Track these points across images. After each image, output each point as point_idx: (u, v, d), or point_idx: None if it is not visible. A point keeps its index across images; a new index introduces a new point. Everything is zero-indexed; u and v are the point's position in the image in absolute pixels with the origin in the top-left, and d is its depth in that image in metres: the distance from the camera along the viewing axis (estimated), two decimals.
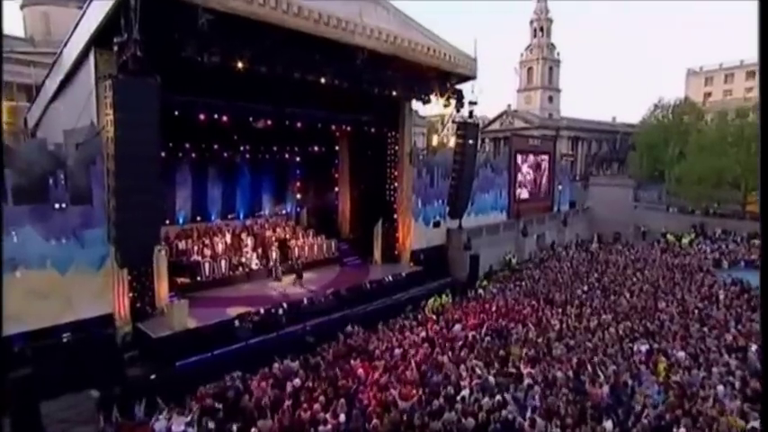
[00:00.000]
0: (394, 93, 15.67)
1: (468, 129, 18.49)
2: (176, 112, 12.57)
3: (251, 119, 15.07)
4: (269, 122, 15.62)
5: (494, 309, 14.08)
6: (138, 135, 9.15)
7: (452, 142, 19.29)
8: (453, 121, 18.11)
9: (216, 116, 13.65)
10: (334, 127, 18.54)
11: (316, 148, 22.14)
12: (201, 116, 13.28)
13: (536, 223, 27.57)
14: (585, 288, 17.05)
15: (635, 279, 17.93)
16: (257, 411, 8.26)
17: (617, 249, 25.94)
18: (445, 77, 16.20)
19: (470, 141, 18.64)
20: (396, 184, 19.96)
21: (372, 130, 19.58)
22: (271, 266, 17.34)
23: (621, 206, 31.33)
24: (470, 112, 17.82)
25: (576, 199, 36.92)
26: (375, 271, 17.86)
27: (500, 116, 53.60)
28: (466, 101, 17.17)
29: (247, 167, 21.51)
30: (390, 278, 16.81)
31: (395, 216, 20.06)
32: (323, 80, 12.61)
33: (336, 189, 22.35)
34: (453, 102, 16.86)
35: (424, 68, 15.12)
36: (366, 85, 13.66)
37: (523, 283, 18.52)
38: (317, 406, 8.22)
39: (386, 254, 19.96)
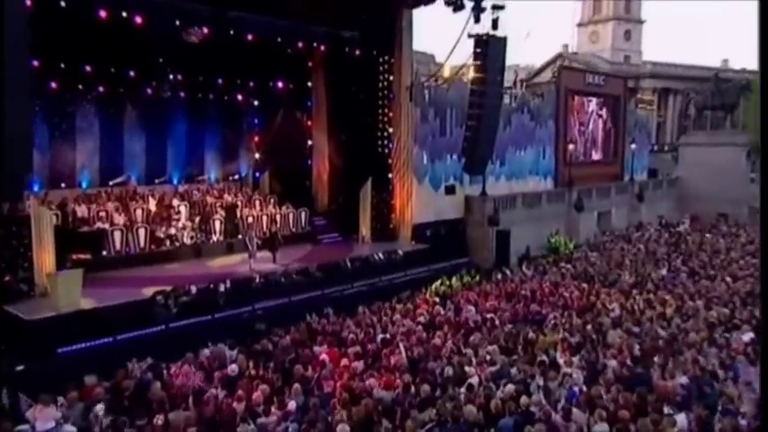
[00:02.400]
0: None
1: (490, 47, 17.95)
2: (62, 3, 12.47)
3: (178, 23, 15.00)
4: (206, 31, 15.57)
5: (524, 292, 14.76)
6: None
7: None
8: (469, 36, 17.69)
9: (125, 14, 13.55)
10: (301, 45, 18.38)
11: (280, 84, 22.26)
12: (102, 13, 13.18)
13: (596, 196, 27.52)
14: (664, 272, 17.79)
15: (742, 263, 18.41)
16: (171, 402, 8.39)
17: (720, 231, 25.89)
18: None
19: (494, 66, 18.39)
20: (391, 131, 20.08)
21: (357, 52, 19.51)
22: (210, 240, 17.84)
23: (730, 175, 29.39)
24: (494, 21, 17.31)
25: (658, 167, 36.80)
26: (361, 250, 18.28)
27: (551, 63, 50.14)
28: (487, 3, 16.89)
29: (182, 111, 21.74)
30: (380, 256, 17.30)
31: (389, 176, 20.19)
32: None
33: (309, 143, 22.56)
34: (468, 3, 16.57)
35: None
36: None
37: (571, 265, 18.88)
38: (257, 394, 8.37)
39: (377, 229, 20.20)
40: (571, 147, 27.81)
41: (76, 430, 7.76)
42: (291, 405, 8.17)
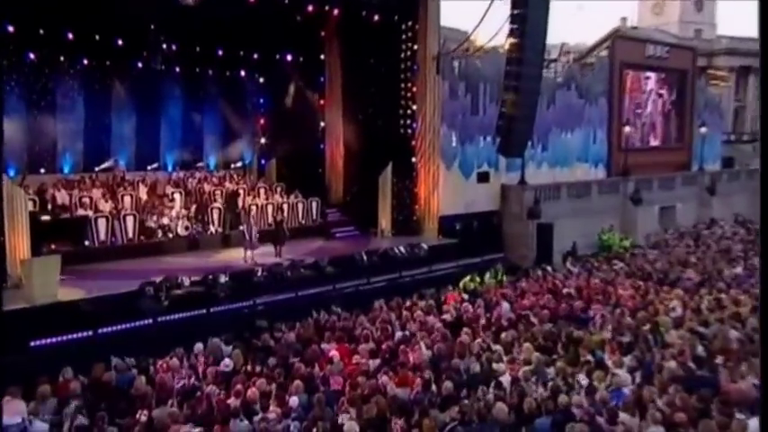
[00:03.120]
0: None
1: (530, 9, 17.81)
2: None
3: None
4: None
5: (567, 290, 14.86)
6: None
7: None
8: None
9: None
10: (312, 8, 18.55)
11: (288, 57, 22.58)
12: None
13: (658, 188, 27.19)
14: (739, 270, 17.75)
15: None
16: (157, 398, 8.59)
17: None
18: None
19: (535, 32, 18.23)
20: (414, 108, 20.13)
21: (376, 17, 19.66)
22: (206, 231, 18.20)
23: None
24: None
25: (734, 156, 36.18)
26: (380, 244, 18.66)
27: (606, 40, 50.67)
28: None
29: (177, 88, 22.24)
30: (402, 250, 17.57)
31: (413, 161, 20.28)
32: None
33: (322, 124, 22.79)
34: None
35: None
36: None
37: (625, 263, 18.93)
38: (253, 391, 8.53)
39: (399, 222, 20.37)
40: (627, 129, 27.50)
41: (48, 427, 7.93)
42: (293, 401, 8.31)
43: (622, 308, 13.05)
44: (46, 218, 15.41)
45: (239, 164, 23.96)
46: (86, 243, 15.99)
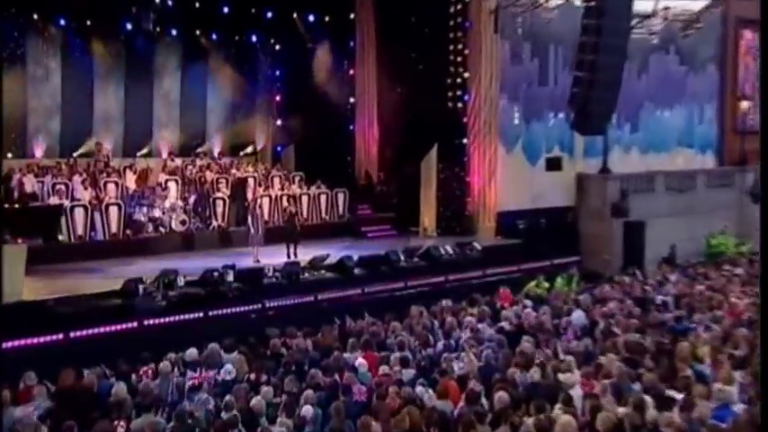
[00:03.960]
0: None
1: None
2: None
3: None
4: None
5: (662, 297, 14.82)
6: None
7: None
8: None
9: None
10: None
11: (310, 17, 22.93)
12: None
13: None
14: None
15: None
16: (138, 408, 8.78)
17: None
18: None
19: None
20: (466, 77, 20.26)
21: None
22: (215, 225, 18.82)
23: None
24: None
25: None
26: (422, 244, 18.97)
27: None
28: None
29: (174, 55, 22.79)
30: (449, 249, 17.88)
31: (464, 142, 20.47)
32: None
33: (352, 100, 23.17)
34: None
35: None
36: None
37: (741, 269, 18.67)
38: (257, 400, 8.67)
39: (446, 218, 20.58)
40: (744, 105, 26.95)
41: None
42: (307, 411, 8.42)
43: (735, 318, 12.89)
44: (10, 206, 15.89)
45: (249, 149, 24.35)
46: (60, 238, 16.42)
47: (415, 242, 19.36)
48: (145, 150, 22.21)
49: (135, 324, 12.55)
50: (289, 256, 16.80)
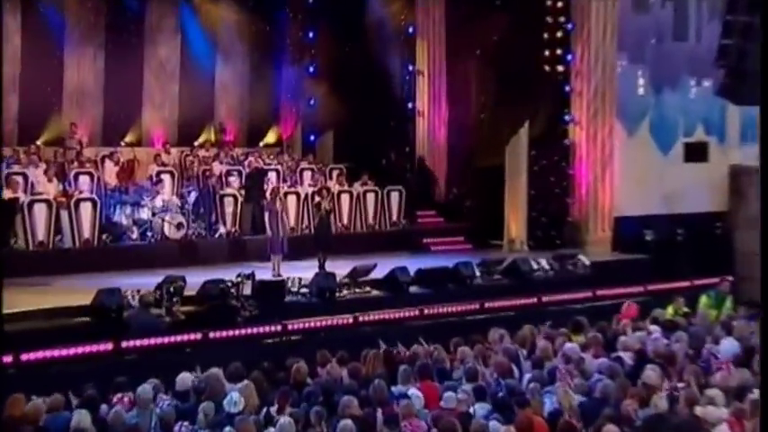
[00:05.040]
0: None
1: None
2: None
3: None
4: None
5: None
6: None
7: None
8: None
9: None
10: None
11: None
12: None
13: None
14: None
15: None
16: None
17: None
18: None
19: None
20: (570, 28, 20.32)
21: None
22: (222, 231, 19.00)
23: None
24: None
25: None
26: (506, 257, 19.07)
27: None
28: None
29: (170, 14, 23.00)
30: (544, 265, 18.08)
31: (565, 119, 20.55)
32: None
33: (411, 68, 23.21)
34: None
35: None
36: None
37: None
38: None
39: (540, 225, 20.70)
40: None
41: None
42: None
43: None
44: None
45: (272, 137, 24.61)
46: (13, 244, 16.54)
47: (497, 256, 19.22)
48: (131, 137, 22.42)
49: (109, 346, 12.71)
50: (321, 269, 16.88)
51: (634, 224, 20.18)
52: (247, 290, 14.63)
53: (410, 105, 23.20)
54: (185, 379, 10.77)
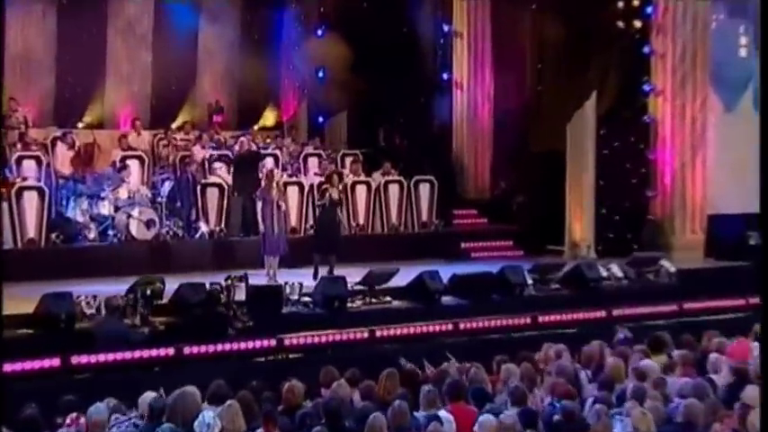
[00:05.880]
0: None
1: None
2: None
3: None
4: None
5: None
6: None
7: None
8: None
9: None
10: None
11: None
12: None
13: None
14: None
15: None
16: None
17: None
18: None
19: None
20: None
21: None
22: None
23: None
24: None
25: None
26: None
27: None
28: None
29: None
30: (616, 272, 18.22)
31: (646, 89, 20.43)
32: None
33: (447, 29, 23.37)
34: None
35: None
36: None
37: None
38: None
39: (612, 225, 20.70)
40: None
41: None
42: None
43: None
44: None
45: (270, 119, 24.82)
46: None
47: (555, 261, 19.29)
48: (90, 116, 22.62)
49: (56, 362, 12.75)
50: (330, 272, 16.93)
51: (733, 224, 20.09)
52: (240, 295, 14.63)
53: (445, 75, 23.29)
54: (149, 399, 10.81)
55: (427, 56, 23.47)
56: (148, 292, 14.04)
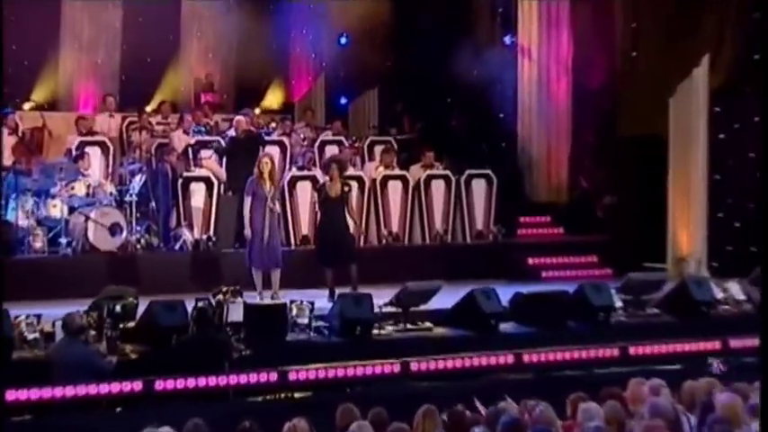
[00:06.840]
0: None
1: None
2: None
3: None
4: None
5: None
6: None
7: None
8: None
9: None
10: None
11: None
12: None
13: None
14: None
15: None
16: None
17: None
18: None
19: None
20: None
21: None
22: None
23: None
24: None
25: None
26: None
27: None
28: None
29: None
30: (733, 293, 18.44)
31: None
32: None
33: None
34: None
35: None
36: None
37: None
38: None
39: (728, 237, 20.59)
40: None
41: None
42: None
43: None
44: None
45: (275, 100, 24.77)
46: None
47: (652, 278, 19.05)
48: (40, 94, 22.73)
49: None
50: (354, 288, 16.98)
51: None
52: (237, 314, 14.59)
53: (507, 40, 23.43)
54: None
55: (483, 15, 23.45)
56: (117, 308, 13.98)
